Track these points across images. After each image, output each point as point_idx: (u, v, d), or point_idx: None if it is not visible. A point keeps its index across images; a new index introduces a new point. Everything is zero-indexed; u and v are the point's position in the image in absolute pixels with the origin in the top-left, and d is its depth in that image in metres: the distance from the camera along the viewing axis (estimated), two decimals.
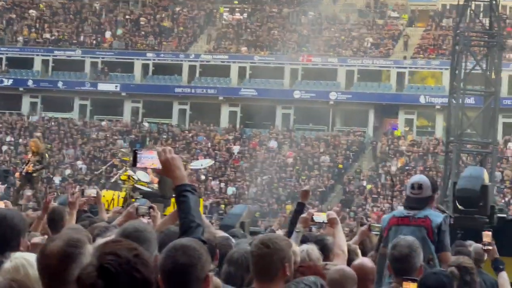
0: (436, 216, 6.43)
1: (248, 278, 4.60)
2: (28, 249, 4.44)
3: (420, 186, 6.45)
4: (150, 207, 6.27)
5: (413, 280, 4.06)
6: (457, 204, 11.72)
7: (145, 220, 5.99)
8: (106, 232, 5.34)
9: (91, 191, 9.91)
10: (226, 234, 6.69)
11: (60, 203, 10.38)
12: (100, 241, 4.60)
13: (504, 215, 13.80)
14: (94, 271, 2.57)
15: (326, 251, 5.98)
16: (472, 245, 8.46)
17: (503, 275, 6.59)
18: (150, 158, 4.10)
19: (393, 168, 40.55)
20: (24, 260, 3.66)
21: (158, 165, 4.02)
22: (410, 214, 6.42)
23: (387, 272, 5.04)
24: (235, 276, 4.70)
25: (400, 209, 6.78)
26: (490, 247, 6.92)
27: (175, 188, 4.01)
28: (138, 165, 4.15)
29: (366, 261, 5.75)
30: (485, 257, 8.48)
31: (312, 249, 5.29)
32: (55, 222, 6.98)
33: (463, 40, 24.17)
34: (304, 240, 6.01)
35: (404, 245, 4.67)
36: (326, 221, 6.40)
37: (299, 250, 5.13)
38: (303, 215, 6.78)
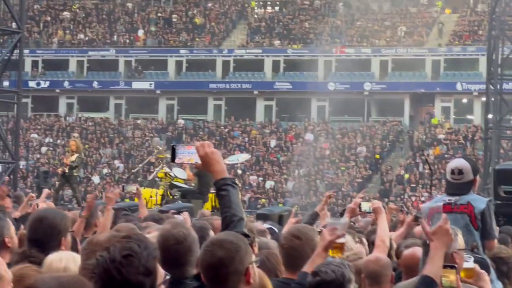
0: (479, 201, 6.12)
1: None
2: (69, 248, 4.50)
3: (460, 171, 6.15)
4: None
5: (452, 267, 3.97)
6: (498, 191, 11.53)
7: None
8: (146, 229, 5.33)
9: (132, 187, 9.98)
10: (264, 227, 6.66)
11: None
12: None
13: None
14: (93, 262, 2.79)
15: None
16: None
17: None
18: (188, 153, 4.06)
19: (431, 157, 40.16)
20: (69, 254, 3.69)
21: (196, 160, 3.97)
22: (451, 200, 6.13)
23: None
24: None
25: (439, 197, 6.55)
26: None
27: (215, 183, 3.95)
28: (176, 160, 4.10)
29: (418, 250, 5.66)
30: None
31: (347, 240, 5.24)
32: (87, 220, 7.02)
33: (499, 24, 23.84)
34: None
35: None
36: (371, 210, 6.33)
37: None
38: (350, 205, 6.70)
